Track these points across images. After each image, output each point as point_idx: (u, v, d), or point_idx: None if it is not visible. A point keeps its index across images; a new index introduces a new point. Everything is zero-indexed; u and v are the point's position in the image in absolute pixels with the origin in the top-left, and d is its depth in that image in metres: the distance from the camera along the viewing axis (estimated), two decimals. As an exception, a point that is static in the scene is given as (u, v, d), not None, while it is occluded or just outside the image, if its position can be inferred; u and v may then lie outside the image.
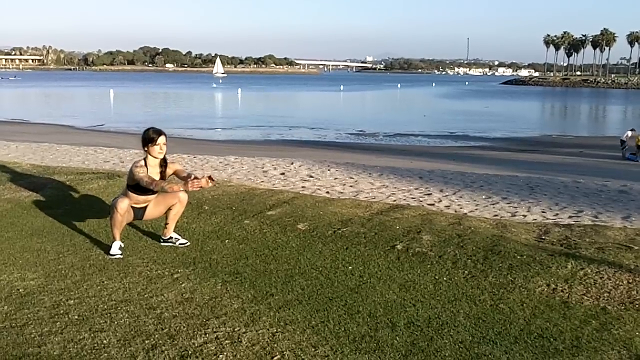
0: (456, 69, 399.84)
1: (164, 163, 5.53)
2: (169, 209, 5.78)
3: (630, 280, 4.80)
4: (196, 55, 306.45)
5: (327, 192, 11.32)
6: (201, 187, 5.10)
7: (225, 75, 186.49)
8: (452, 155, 23.24)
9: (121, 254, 5.49)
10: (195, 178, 5.12)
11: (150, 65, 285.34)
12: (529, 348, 3.69)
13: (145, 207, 5.72)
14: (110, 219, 5.58)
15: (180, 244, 5.83)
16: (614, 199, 11.87)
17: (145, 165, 5.39)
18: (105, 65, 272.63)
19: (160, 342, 3.74)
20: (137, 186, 5.44)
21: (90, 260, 5.39)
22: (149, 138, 5.39)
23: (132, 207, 5.60)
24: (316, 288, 4.70)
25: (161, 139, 5.40)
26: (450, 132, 36.68)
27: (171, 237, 5.88)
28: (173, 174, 5.65)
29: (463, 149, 27.52)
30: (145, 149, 5.42)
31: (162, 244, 5.87)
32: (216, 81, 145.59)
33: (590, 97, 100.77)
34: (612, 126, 45.55)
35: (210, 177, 5.11)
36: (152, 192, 5.57)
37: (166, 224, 5.86)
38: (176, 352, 3.60)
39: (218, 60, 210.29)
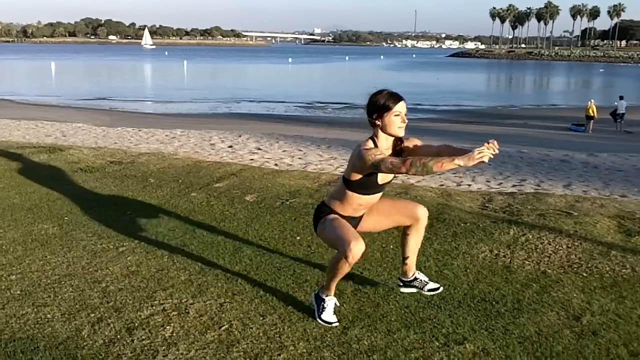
0: (404, 42, 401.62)
1: (399, 142, 3.61)
2: (405, 234, 3.91)
3: (570, 245, 4.96)
4: (140, 26, 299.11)
5: (276, 164, 11.32)
6: (487, 157, 3.07)
7: (154, 47, 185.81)
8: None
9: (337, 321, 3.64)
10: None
11: (92, 37, 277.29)
12: (472, 311, 3.79)
13: (362, 215, 3.84)
14: (332, 264, 3.57)
15: (429, 290, 3.96)
16: (556, 168, 12.24)
17: (376, 146, 3.53)
18: (45, 37, 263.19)
19: (106, 315, 3.69)
20: (363, 183, 3.56)
21: (32, 235, 5.26)
22: (382, 106, 3.47)
23: (345, 216, 3.71)
24: (264, 258, 4.70)
25: (401, 106, 3.49)
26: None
27: (416, 279, 3.99)
28: (412, 152, 3.59)
29: (411, 121, 27.69)
30: (377, 121, 3.49)
31: (403, 289, 4.03)
32: (161, 52, 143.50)
33: (534, 69, 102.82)
34: (555, 98, 46.70)
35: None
36: (380, 189, 3.69)
37: (404, 258, 3.97)
38: (122, 325, 3.56)
39: (146, 31, 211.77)
